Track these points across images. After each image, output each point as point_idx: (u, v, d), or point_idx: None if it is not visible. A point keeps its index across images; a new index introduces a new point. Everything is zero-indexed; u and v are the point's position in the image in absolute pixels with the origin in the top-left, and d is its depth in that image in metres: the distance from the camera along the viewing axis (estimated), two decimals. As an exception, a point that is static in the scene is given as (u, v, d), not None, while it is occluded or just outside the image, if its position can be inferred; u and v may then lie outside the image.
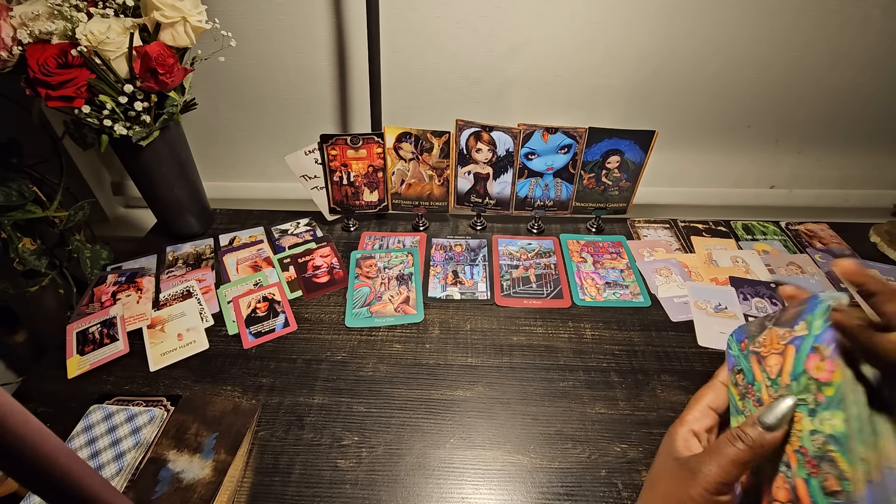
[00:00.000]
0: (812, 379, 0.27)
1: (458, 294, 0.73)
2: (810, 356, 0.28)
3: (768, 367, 0.31)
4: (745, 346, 0.33)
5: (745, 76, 0.87)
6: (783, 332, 0.30)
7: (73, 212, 0.76)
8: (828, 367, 0.26)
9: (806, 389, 0.28)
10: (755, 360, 0.32)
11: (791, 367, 0.29)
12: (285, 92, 0.90)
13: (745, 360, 0.33)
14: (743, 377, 0.33)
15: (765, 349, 0.31)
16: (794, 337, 0.29)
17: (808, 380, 0.28)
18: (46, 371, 0.62)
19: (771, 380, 0.30)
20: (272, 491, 0.51)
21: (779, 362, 0.30)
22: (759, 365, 0.31)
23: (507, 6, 0.79)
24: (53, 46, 0.59)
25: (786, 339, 0.30)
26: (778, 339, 0.30)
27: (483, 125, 0.76)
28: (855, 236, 0.85)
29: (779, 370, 0.30)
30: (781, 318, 0.31)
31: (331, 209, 0.84)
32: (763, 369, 0.31)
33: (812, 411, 0.27)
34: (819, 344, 0.27)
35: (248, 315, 0.69)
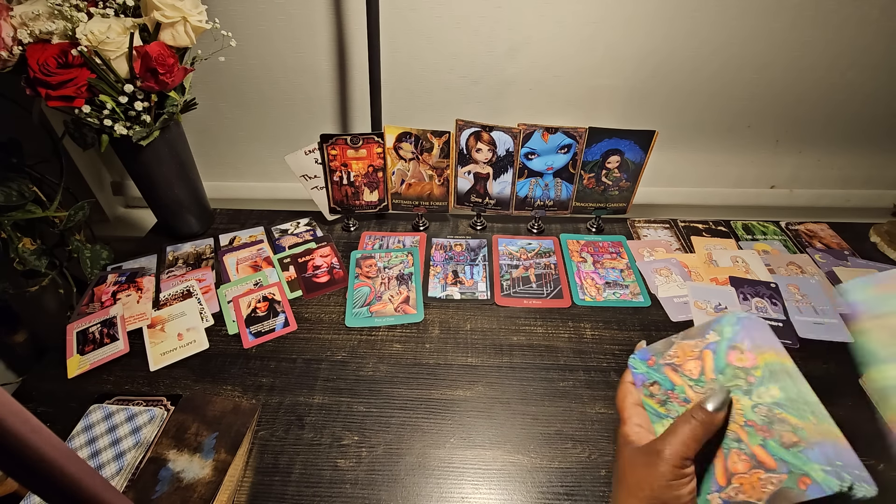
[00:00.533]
0: (739, 368, 0.34)
1: (458, 294, 0.73)
2: (730, 353, 0.35)
3: (688, 371, 0.37)
4: (655, 362, 0.39)
5: (744, 76, 0.87)
6: (695, 343, 0.37)
7: (73, 212, 0.76)
8: (749, 357, 0.34)
9: (735, 377, 0.34)
10: (670, 370, 0.38)
11: (713, 365, 0.36)
12: (285, 92, 0.90)
13: (657, 373, 0.39)
14: (659, 387, 0.38)
15: (678, 359, 0.38)
16: (708, 343, 0.37)
17: (734, 370, 0.34)
18: (46, 371, 0.62)
19: (694, 380, 0.36)
20: (272, 491, 0.51)
21: (698, 365, 0.37)
22: (677, 372, 0.38)
23: (507, 6, 0.79)
24: (54, 46, 0.59)
25: (699, 346, 0.37)
26: (690, 349, 0.37)
27: (483, 125, 0.76)
28: (855, 236, 0.85)
29: (700, 370, 0.36)
30: (688, 334, 0.38)
31: (331, 209, 0.84)
32: (682, 374, 0.37)
33: (747, 391, 0.33)
34: (736, 343, 0.35)
35: (248, 315, 0.69)
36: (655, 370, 0.39)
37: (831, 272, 0.76)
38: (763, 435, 0.32)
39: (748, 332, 0.35)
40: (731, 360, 0.35)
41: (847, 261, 0.79)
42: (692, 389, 0.36)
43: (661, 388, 0.38)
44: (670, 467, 0.32)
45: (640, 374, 0.40)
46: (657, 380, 0.39)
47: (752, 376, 0.33)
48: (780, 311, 0.70)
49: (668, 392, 0.38)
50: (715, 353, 0.36)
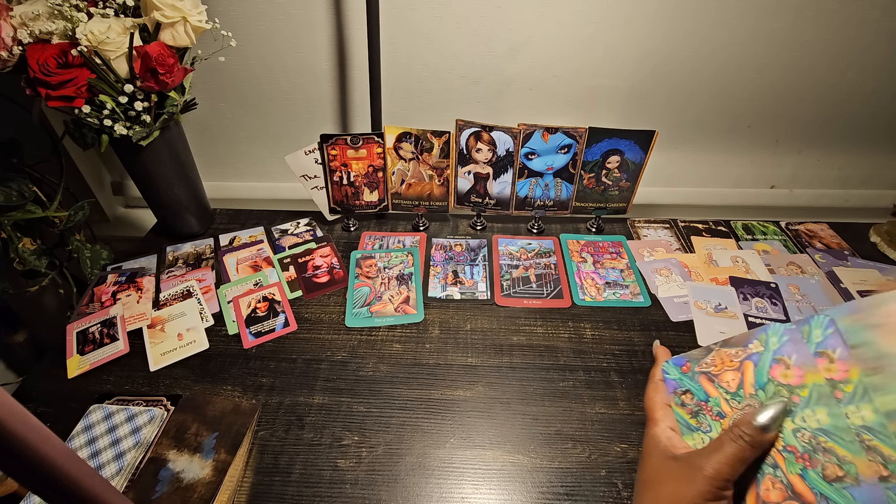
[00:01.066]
0: (782, 385, 0.30)
1: (458, 294, 0.73)
2: (773, 367, 0.31)
3: (724, 382, 0.34)
4: (689, 369, 0.36)
5: (744, 76, 0.87)
6: (735, 352, 0.34)
7: (73, 212, 0.76)
8: (796, 374, 0.30)
9: (777, 395, 0.30)
10: (705, 379, 0.35)
11: (753, 379, 0.32)
12: (285, 92, 0.90)
13: (691, 381, 0.36)
14: (692, 396, 0.35)
15: (716, 368, 0.34)
16: (750, 354, 0.33)
17: (776, 386, 0.31)
18: (46, 371, 0.62)
19: (731, 393, 0.33)
20: (272, 491, 0.51)
21: (736, 377, 0.33)
22: (712, 383, 0.34)
23: (507, 6, 0.79)
24: (53, 46, 0.59)
25: (740, 356, 0.33)
26: (730, 358, 0.34)
27: (483, 125, 0.76)
28: (855, 236, 0.85)
29: (738, 383, 0.33)
30: (728, 342, 0.35)
31: (331, 209, 0.84)
32: (718, 385, 0.34)
33: (790, 413, 0.30)
34: (781, 356, 0.31)
35: (248, 315, 0.69)
36: (689, 378, 0.36)
37: (831, 272, 0.76)
38: (803, 464, 0.29)
39: (796, 346, 0.30)
40: (775, 374, 0.31)
41: (847, 261, 0.79)
42: (728, 403, 0.33)
43: (693, 398, 0.35)
44: (711, 487, 0.30)
45: (672, 379, 0.37)
46: (690, 388, 0.36)
47: (796, 396, 0.30)
48: (780, 311, 0.70)
49: (701, 403, 0.35)
50: (757, 365, 0.32)
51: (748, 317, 0.69)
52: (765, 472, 0.30)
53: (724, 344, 0.35)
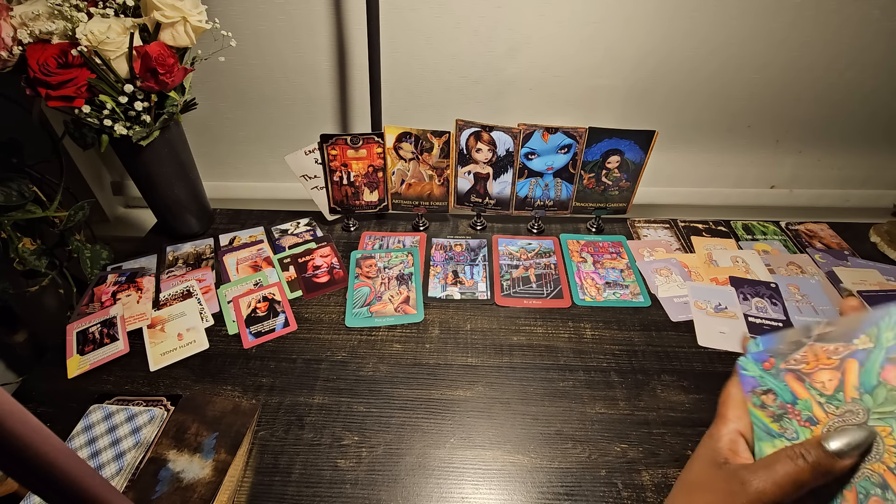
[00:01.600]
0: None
1: (458, 294, 0.73)
2: (886, 367, 0.26)
3: (818, 383, 0.29)
4: (772, 365, 0.31)
5: (744, 76, 0.87)
6: (834, 347, 0.29)
7: (73, 212, 0.76)
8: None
9: (890, 400, 0.26)
10: (793, 378, 0.30)
11: (857, 381, 0.27)
12: (286, 92, 0.90)
13: (774, 379, 0.31)
14: (775, 397, 0.30)
15: (807, 366, 0.29)
16: (855, 351, 0.28)
17: (890, 392, 0.26)
18: (46, 371, 0.62)
19: (826, 396, 0.28)
20: (272, 491, 0.51)
21: (835, 377, 0.28)
22: (801, 382, 0.29)
23: (507, 6, 0.79)
24: (54, 46, 0.59)
25: (840, 353, 0.28)
26: (826, 355, 0.29)
27: (483, 125, 0.76)
28: (855, 236, 0.85)
29: (836, 385, 0.28)
30: (827, 334, 0.29)
31: (331, 209, 0.84)
32: (809, 386, 0.29)
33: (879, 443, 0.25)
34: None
35: (248, 315, 0.69)
36: (772, 375, 0.31)
37: (831, 272, 0.76)
38: None
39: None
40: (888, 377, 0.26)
41: (847, 261, 0.79)
42: (822, 408, 0.28)
43: (776, 400, 0.30)
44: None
45: (750, 377, 0.32)
46: (773, 388, 0.31)
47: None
48: (780, 311, 0.70)
49: (787, 406, 0.30)
50: (863, 364, 0.27)
51: (748, 317, 0.69)
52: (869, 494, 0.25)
53: (820, 337, 0.30)
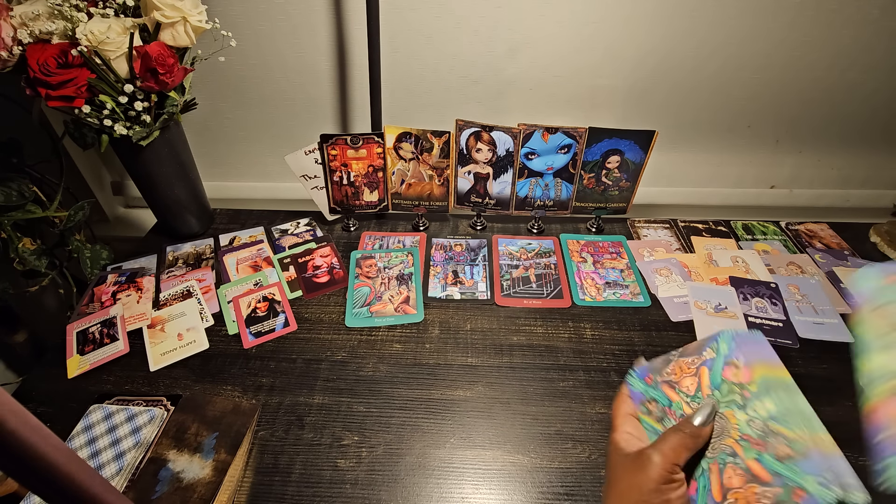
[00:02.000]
0: (734, 384, 0.35)
1: (458, 294, 0.73)
2: (725, 369, 0.36)
3: (684, 387, 0.38)
4: (652, 380, 0.40)
5: (744, 76, 0.87)
6: (692, 360, 0.38)
7: (73, 212, 0.76)
8: (745, 373, 0.34)
9: (731, 392, 0.35)
10: (667, 387, 0.39)
11: (709, 381, 0.36)
12: (286, 92, 0.90)
13: (655, 390, 0.39)
14: (657, 404, 0.39)
15: (676, 376, 0.38)
16: (705, 360, 0.37)
17: (730, 386, 0.35)
18: (46, 371, 0.62)
19: (690, 396, 0.37)
20: (272, 491, 0.51)
21: (694, 381, 0.37)
22: (673, 389, 0.38)
23: (507, 6, 0.79)
24: (54, 46, 0.59)
25: (696, 363, 0.38)
26: (688, 366, 0.38)
27: (483, 125, 0.76)
28: (855, 236, 0.85)
29: (696, 387, 0.37)
30: (685, 352, 0.39)
31: (331, 209, 0.84)
32: (679, 391, 0.38)
33: (742, 406, 0.34)
34: (732, 359, 0.35)
35: (248, 315, 0.69)
36: (653, 388, 0.40)
37: (831, 272, 0.76)
38: (758, 449, 0.32)
39: (743, 348, 0.35)
40: (727, 375, 0.35)
41: (847, 261, 0.79)
42: (689, 406, 0.37)
43: (658, 406, 0.39)
44: (660, 471, 0.33)
45: (637, 391, 0.41)
46: (655, 397, 0.39)
47: (747, 391, 0.34)
48: (780, 311, 0.70)
49: (665, 409, 0.38)
50: (711, 369, 0.36)
51: (748, 317, 0.69)
52: (726, 462, 0.34)
53: (681, 354, 0.39)
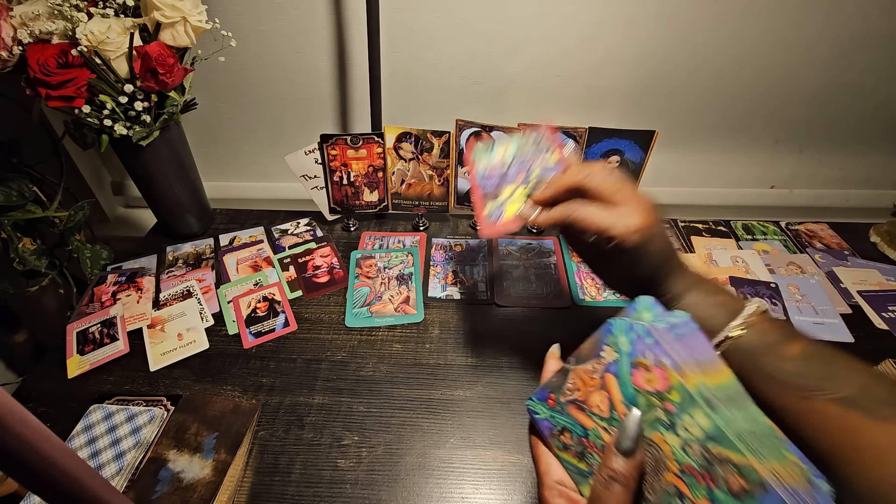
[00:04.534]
0: (651, 393, 0.25)
1: (458, 294, 0.73)
2: (634, 373, 0.26)
3: (594, 407, 0.27)
4: (556, 401, 0.30)
5: (744, 76, 0.87)
6: (591, 366, 0.28)
7: (73, 212, 0.76)
8: (659, 375, 0.24)
9: (650, 406, 0.25)
10: (575, 409, 0.29)
11: (621, 396, 0.26)
12: (285, 92, 0.90)
13: (561, 416, 0.30)
14: (571, 435, 0.29)
15: (580, 392, 0.28)
16: (607, 364, 0.27)
17: (646, 396, 0.25)
18: (46, 371, 0.62)
19: (606, 419, 0.27)
20: (272, 491, 0.51)
21: (604, 397, 0.27)
22: (583, 411, 0.28)
23: (507, 6, 0.79)
24: (54, 46, 0.59)
25: (598, 371, 0.27)
26: (588, 376, 0.28)
27: (483, 125, 0.76)
28: (855, 236, 0.85)
29: (609, 405, 0.27)
30: (580, 354, 0.29)
31: (331, 209, 0.84)
32: (590, 413, 0.28)
33: (670, 425, 0.24)
34: (637, 358, 0.25)
35: (248, 315, 0.69)
36: (559, 412, 0.30)
37: (831, 272, 0.76)
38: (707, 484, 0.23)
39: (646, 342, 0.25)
40: (639, 382, 0.25)
41: (847, 261, 0.79)
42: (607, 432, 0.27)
43: (573, 437, 0.29)
44: None
45: (542, 419, 0.31)
46: (565, 425, 0.29)
47: (668, 402, 0.24)
48: (780, 311, 0.70)
49: (583, 440, 0.28)
50: (618, 376, 0.26)
51: (748, 317, 0.69)
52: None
53: (577, 359, 0.29)
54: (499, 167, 0.48)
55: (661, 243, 0.41)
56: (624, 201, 0.39)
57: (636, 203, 0.39)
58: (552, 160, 0.46)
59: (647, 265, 0.41)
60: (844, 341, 0.66)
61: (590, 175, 0.40)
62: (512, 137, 0.50)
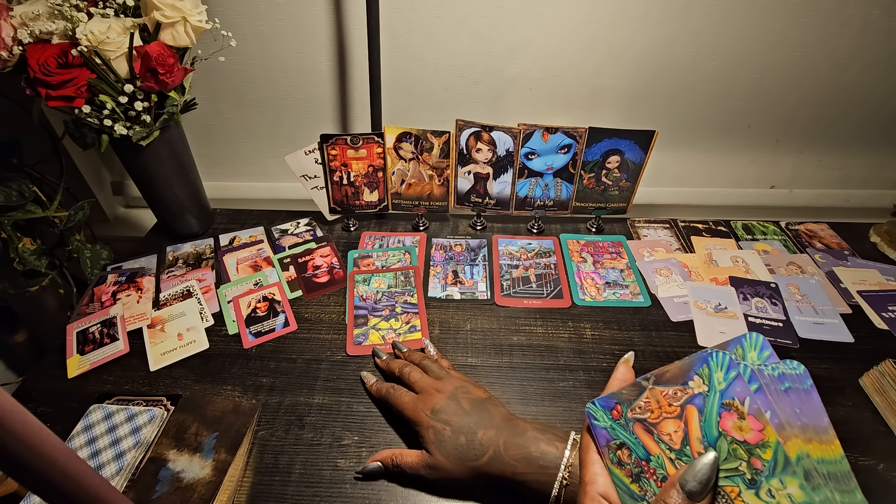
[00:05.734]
0: (738, 443, 0.22)
1: (458, 294, 0.73)
2: (724, 415, 0.23)
3: (665, 435, 0.25)
4: (621, 414, 0.28)
5: (745, 76, 0.87)
6: (673, 392, 0.25)
7: (73, 212, 0.76)
8: (754, 426, 0.22)
9: (734, 455, 0.22)
10: (641, 429, 0.27)
11: (700, 433, 0.24)
12: (285, 92, 0.90)
13: (624, 431, 0.27)
14: (630, 453, 0.27)
15: (652, 414, 0.26)
16: (692, 395, 0.24)
17: (731, 444, 0.23)
18: (46, 371, 0.62)
19: (675, 451, 0.25)
20: (272, 491, 0.51)
21: (679, 427, 0.25)
22: (651, 435, 0.26)
23: (507, 6, 0.79)
24: (54, 46, 0.59)
25: (679, 399, 0.25)
26: (668, 401, 0.26)
27: (483, 125, 0.76)
28: (855, 236, 0.85)
29: (682, 437, 0.25)
30: (663, 376, 0.26)
31: (331, 209, 0.84)
32: (658, 439, 0.26)
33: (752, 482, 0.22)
34: (730, 399, 0.23)
35: (248, 315, 0.69)
36: (622, 426, 0.28)
37: (831, 272, 0.76)
38: None
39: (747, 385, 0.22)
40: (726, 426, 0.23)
41: (847, 261, 0.79)
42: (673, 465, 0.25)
43: (632, 456, 0.27)
44: None
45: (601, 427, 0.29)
46: (626, 441, 0.27)
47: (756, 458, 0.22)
48: (780, 311, 0.70)
49: (642, 463, 0.26)
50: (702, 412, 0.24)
51: (748, 317, 0.69)
52: None
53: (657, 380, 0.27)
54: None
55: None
56: None
57: None
58: None
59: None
60: (844, 341, 0.66)
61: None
62: None
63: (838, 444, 0.22)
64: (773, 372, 0.23)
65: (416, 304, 0.70)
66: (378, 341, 0.65)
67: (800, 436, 0.21)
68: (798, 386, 0.22)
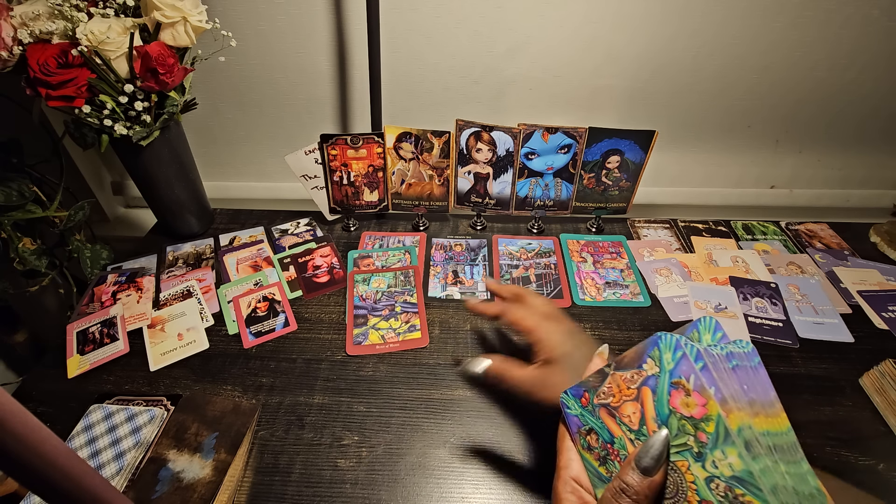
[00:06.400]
0: (685, 418, 0.24)
1: (458, 294, 0.73)
2: (673, 394, 0.24)
3: (625, 417, 0.27)
4: (588, 401, 0.29)
5: (745, 76, 0.87)
6: (630, 375, 0.27)
7: (73, 212, 0.76)
8: (698, 401, 0.23)
9: (683, 431, 0.24)
10: (605, 413, 0.28)
11: (654, 412, 0.25)
12: (285, 92, 0.90)
13: (591, 416, 0.29)
14: (597, 437, 0.28)
15: (614, 398, 0.27)
16: (646, 377, 0.26)
17: (680, 420, 0.24)
18: (46, 371, 0.62)
19: (634, 431, 0.26)
20: (272, 491, 0.51)
21: (637, 409, 0.26)
22: (613, 418, 0.27)
23: (507, 6, 0.79)
24: (54, 46, 0.59)
25: (636, 381, 0.26)
26: (626, 384, 0.27)
27: (483, 125, 0.76)
28: (855, 236, 0.85)
29: (640, 418, 0.26)
30: (622, 361, 0.28)
31: (331, 209, 0.84)
32: (620, 421, 0.27)
33: (699, 455, 0.23)
34: (678, 378, 0.24)
35: (248, 315, 0.69)
36: (590, 412, 0.29)
37: (831, 272, 0.76)
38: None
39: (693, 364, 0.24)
40: (675, 404, 0.24)
41: (847, 261, 0.79)
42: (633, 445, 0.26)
43: (599, 440, 0.29)
44: None
45: (573, 415, 0.30)
46: (593, 427, 0.29)
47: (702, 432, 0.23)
48: (780, 311, 0.70)
49: (608, 446, 0.28)
50: (655, 392, 0.25)
51: (748, 317, 0.69)
52: None
53: (618, 365, 0.28)
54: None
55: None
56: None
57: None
58: None
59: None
60: (845, 341, 0.66)
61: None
62: None
63: (785, 418, 0.23)
64: (722, 351, 0.24)
65: (416, 303, 0.70)
66: (378, 341, 0.65)
67: (746, 409, 0.22)
68: (745, 363, 0.24)
